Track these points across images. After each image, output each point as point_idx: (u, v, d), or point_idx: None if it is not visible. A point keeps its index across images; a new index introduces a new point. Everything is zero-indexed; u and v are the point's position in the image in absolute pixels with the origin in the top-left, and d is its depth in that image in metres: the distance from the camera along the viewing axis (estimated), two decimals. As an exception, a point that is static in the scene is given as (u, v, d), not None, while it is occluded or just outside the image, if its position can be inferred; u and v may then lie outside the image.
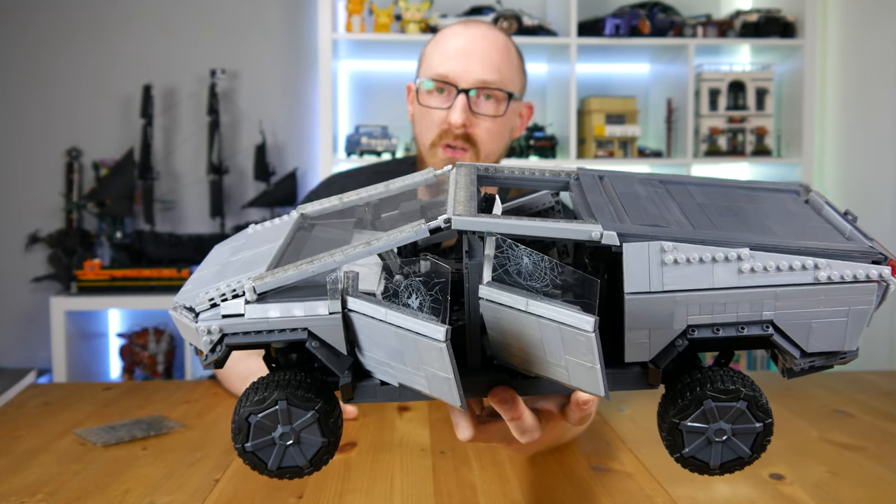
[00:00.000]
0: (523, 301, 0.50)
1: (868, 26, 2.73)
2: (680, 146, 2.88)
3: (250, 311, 0.52)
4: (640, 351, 0.54)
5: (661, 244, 0.51)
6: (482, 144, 1.20)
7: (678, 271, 0.51)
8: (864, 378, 1.37)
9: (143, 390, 1.31)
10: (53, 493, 0.86)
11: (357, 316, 0.52)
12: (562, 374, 0.52)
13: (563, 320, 0.49)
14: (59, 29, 3.01)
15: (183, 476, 0.91)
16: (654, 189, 0.60)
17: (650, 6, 2.84)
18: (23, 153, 3.02)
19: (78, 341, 2.76)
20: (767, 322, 0.53)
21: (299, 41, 3.07)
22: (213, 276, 0.58)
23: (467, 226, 0.52)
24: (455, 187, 0.57)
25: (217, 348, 0.53)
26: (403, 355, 0.52)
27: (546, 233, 0.52)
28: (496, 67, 1.18)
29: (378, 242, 0.53)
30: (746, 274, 0.51)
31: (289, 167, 3.04)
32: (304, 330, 0.52)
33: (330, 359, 0.54)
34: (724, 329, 0.53)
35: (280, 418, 0.54)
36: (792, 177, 2.86)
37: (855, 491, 0.86)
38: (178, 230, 3.04)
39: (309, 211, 0.65)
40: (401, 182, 0.64)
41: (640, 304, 0.52)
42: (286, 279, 0.53)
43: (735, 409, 0.54)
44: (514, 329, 0.52)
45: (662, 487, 0.86)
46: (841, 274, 0.51)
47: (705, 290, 0.52)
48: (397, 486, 0.87)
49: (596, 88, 2.97)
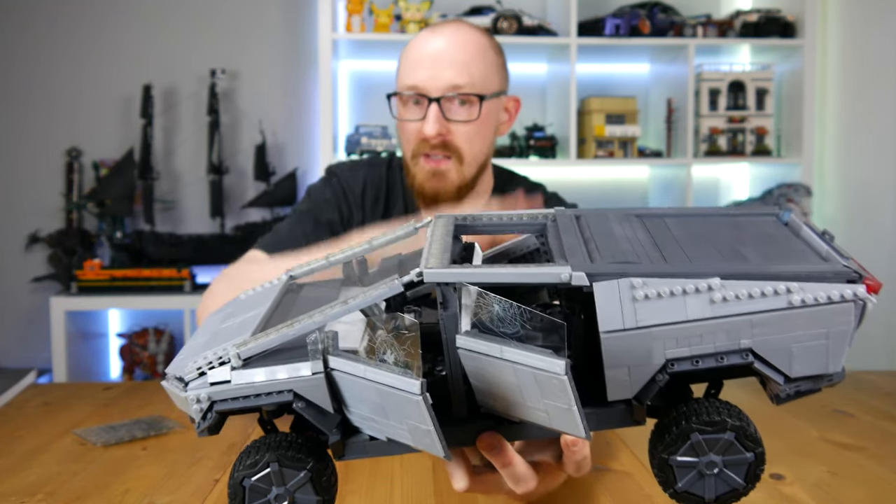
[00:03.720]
0: (498, 348, 0.50)
1: (868, 26, 2.73)
2: (680, 146, 2.88)
3: (236, 377, 0.54)
4: (621, 389, 0.53)
5: (630, 280, 0.51)
6: (463, 150, 1.17)
7: (650, 306, 0.51)
8: (864, 378, 1.37)
9: (143, 390, 1.31)
10: (53, 493, 0.86)
11: (339, 374, 0.53)
12: (542, 417, 0.52)
13: (536, 365, 0.49)
14: (59, 29, 3.01)
15: (183, 476, 0.91)
16: (630, 225, 0.60)
17: (650, 6, 2.84)
18: (23, 153, 3.02)
19: (78, 341, 2.76)
20: (746, 350, 0.52)
21: (299, 41, 3.07)
22: (203, 346, 0.59)
23: (439, 278, 0.52)
24: (431, 240, 0.58)
25: (208, 415, 0.55)
26: (386, 410, 0.53)
27: (516, 279, 0.52)
28: (467, 69, 1.14)
29: (355, 301, 0.54)
30: (719, 304, 0.51)
31: (289, 167, 3.04)
32: (290, 392, 0.54)
33: (317, 418, 0.55)
34: (703, 360, 0.52)
35: (273, 480, 0.55)
36: (792, 177, 2.86)
37: (855, 491, 0.86)
38: (178, 230, 3.04)
39: (297, 272, 0.67)
40: (383, 238, 0.65)
41: (617, 342, 0.51)
42: (268, 343, 0.54)
43: (723, 440, 0.53)
44: (493, 376, 0.52)
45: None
46: (815, 296, 0.51)
47: (680, 323, 0.51)
48: (397, 486, 0.87)
49: (596, 88, 2.97)
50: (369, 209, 1.27)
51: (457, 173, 1.18)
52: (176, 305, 2.71)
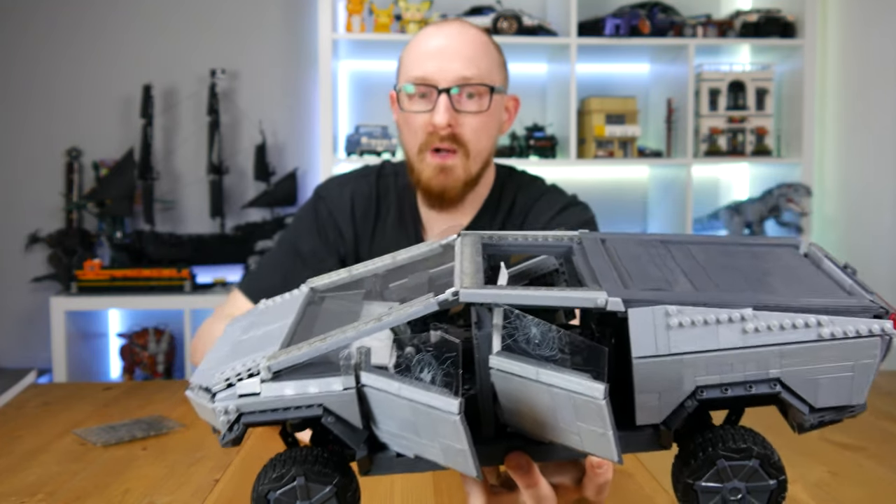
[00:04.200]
0: (534, 370, 0.51)
1: (868, 26, 2.73)
2: (680, 146, 2.88)
3: (266, 389, 0.53)
4: (650, 414, 0.54)
5: (665, 308, 0.52)
6: (470, 144, 1.18)
7: (684, 334, 0.52)
8: (864, 378, 1.37)
9: (143, 390, 1.31)
10: (53, 493, 0.86)
11: (371, 390, 0.53)
12: (574, 440, 0.53)
13: (574, 388, 0.49)
14: (59, 29, 3.01)
15: (183, 476, 0.91)
16: (656, 250, 0.61)
17: (650, 6, 2.84)
18: (23, 153, 3.02)
19: (78, 341, 2.76)
20: (775, 380, 0.53)
21: (299, 41, 3.07)
22: (227, 356, 0.59)
23: (475, 298, 0.52)
24: (461, 258, 0.58)
25: (234, 427, 0.55)
26: (417, 427, 0.53)
27: (552, 302, 0.53)
28: (474, 63, 1.16)
29: (388, 318, 0.54)
30: (751, 334, 0.52)
31: (289, 167, 3.04)
32: (320, 406, 0.54)
33: (346, 433, 0.54)
34: (732, 388, 0.53)
35: (298, 494, 0.55)
36: (792, 177, 2.86)
37: (855, 491, 0.86)
38: (178, 230, 3.04)
39: (318, 284, 0.66)
40: (406, 254, 0.65)
41: (649, 368, 0.52)
42: (300, 357, 0.54)
43: (748, 467, 0.54)
44: (526, 397, 0.52)
45: (662, 487, 0.86)
46: (844, 330, 0.52)
47: (712, 352, 0.52)
48: (397, 486, 0.87)
49: (596, 88, 2.97)
50: (360, 222, 1.28)
51: (463, 169, 1.18)
52: (176, 305, 2.71)
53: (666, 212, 3.01)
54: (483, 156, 1.21)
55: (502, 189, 1.31)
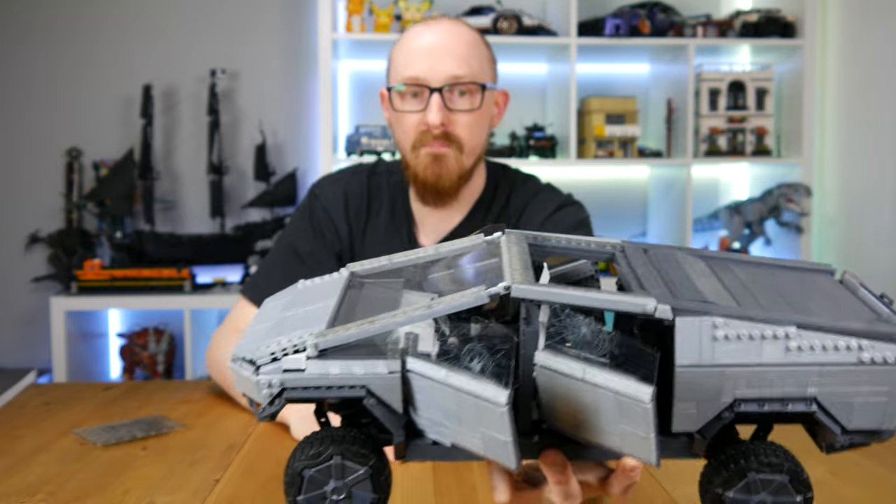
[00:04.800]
0: (580, 369, 0.51)
1: (868, 26, 2.73)
2: (680, 146, 2.88)
3: (311, 366, 0.54)
4: (688, 421, 0.55)
5: (712, 319, 0.53)
6: (464, 140, 1.19)
7: (728, 346, 0.53)
8: (864, 378, 1.37)
9: (143, 390, 1.31)
10: (53, 493, 0.86)
11: (416, 377, 0.53)
12: (615, 441, 0.54)
13: (620, 390, 0.50)
14: (59, 29, 3.01)
15: (183, 476, 0.91)
16: (698, 265, 0.62)
17: (650, 6, 2.84)
18: (23, 153, 3.02)
19: (78, 341, 2.76)
20: (811, 399, 0.55)
21: (299, 41, 3.07)
22: (269, 331, 0.59)
23: (527, 294, 0.53)
24: (509, 255, 0.59)
25: (276, 401, 0.55)
26: (460, 416, 0.53)
27: (602, 304, 0.54)
28: (465, 61, 1.16)
29: (439, 306, 0.54)
30: (793, 352, 0.53)
31: (289, 167, 3.04)
32: (363, 388, 0.54)
33: (386, 416, 0.55)
34: (769, 404, 0.55)
35: (333, 473, 0.55)
36: (791, 177, 2.86)
37: (855, 491, 0.86)
38: (178, 230, 3.04)
39: (358, 270, 0.67)
40: (450, 246, 0.66)
41: (691, 377, 0.53)
42: (348, 337, 0.54)
43: (777, 482, 0.55)
44: (568, 396, 0.53)
45: (662, 487, 0.86)
46: (884, 356, 0.54)
47: (754, 366, 0.53)
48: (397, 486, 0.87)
49: (596, 88, 2.97)
50: (353, 218, 1.29)
51: (456, 161, 1.20)
52: (176, 305, 2.71)
53: (666, 212, 3.01)
54: (476, 151, 1.23)
55: (496, 187, 1.31)
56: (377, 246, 1.25)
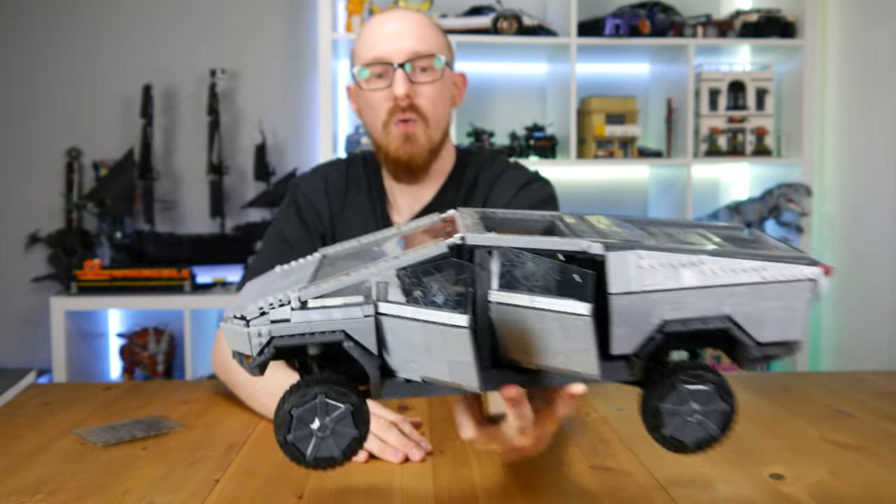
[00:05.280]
0: (528, 298, 0.59)
1: (868, 26, 2.73)
2: (680, 146, 2.88)
3: (295, 316, 0.61)
4: (624, 343, 0.63)
5: (637, 252, 0.61)
6: (429, 112, 1.27)
7: (652, 274, 0.62)
8: (864, 378, 1.37)
9: (143, 390, 1.31)
10: (53, 493, 0.86)
11: (387, 318, 0.60)
12: (561, 360, 0.62)
13: (564, 309, 0.58)
14: (59, 29, 3.01)
15: (183, 476, 0.91)
16: (626, 223, 0.72)
17: (650, 6, 2.84)
18: (23, 153, 3.02)
19: (78, 341, 2.76)
20: (726, 317, 0.63)
21: (299, 41, 3.07)
22: (257, 295, 0.66)
23: (480, 241, 0.61)
24: (462, 220, 0.68)
25: (265, 351, 0.62)
26: (429, 347, 0.60)
27: (544, 245, 0.62)
28: (423, 39, 1.26)
29: (405, 257, 0.62)
30: (708, 275, 0.62)
31: (289, 167, 3.04)
32: (342, 332, 0.61)
33: (363, 357, 0.62)
34: (691, 323, 0.63)
35: (318, 410, 0.62)
36: (792, 177, 2.86)
37: (855, 491, 0.86)
38: (178, 230, 3.04)
39: (330, 252, 0.74)
40: (410, 225, 0.75)
41: (623, 303, 0.62)
42: (327, 288, 0.61)
43: (705, 391, 0.63)
44: (521, 325, 0.61)
45: (662, 487, 0.86)
46: (782, 274, 0.62)
47: (675, 290, 0.62)
48: (397, 486, 0.87)
49: (596, 88, 2.97)
50: (333, 200, 1.37)
51: (425, 136, 1.27)
52: (176, 305, 2.71)
53: (666, 212, 3.01)
54: (442, 124, 1.30)
55: (465, 166, 1.39)
56: (354, 225, 1.33)
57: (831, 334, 2.92)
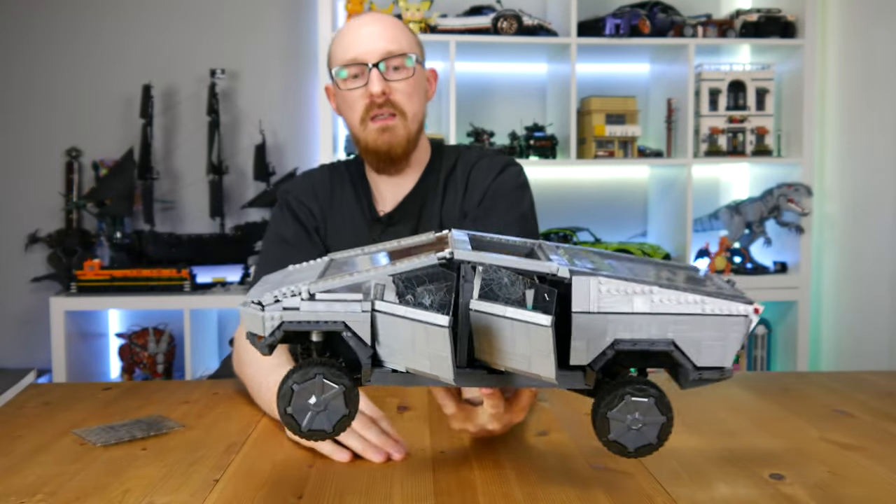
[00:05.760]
0: (503, 309, 0.70)
1: (868, 26, 2.73)
2: (680, 146, 2.88)
3: (304, 305, 0.71)
4: (581, 356, 0.74)
5: (598, 279, 0.72)
6: (405, 106, 1.35)
7: (609, 299, 0.72)
8: (864, 378, 1.37)
9: (143, 390, 1.31)
10: (53, 493, 0.86)
11: (382, 315, 0.71)
12: (525, 363, 0.71)
13: (529, 320, 0.68)
14: (59, 29, 3.01)
15: (183, 476, 0.91)
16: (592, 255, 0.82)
17: (650, 6, 2.84)
18: (23, 153, 3.02)
19: (78, 341, 2.76)
20: (670, 341, 0.73)
21: (299, 41, 3.07)
22: (272, 287, 0.76)
23: (465, 257, 0.72)
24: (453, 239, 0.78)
25: (275, 333, 0.72)
26: (414, 342, 0.70)
27: (520, 265, 0.73)
28: (395, 39, 1.34)
29: (401, 264, 0.72)
30: (657, 304, 0.73)
31: (289, 167, 3.04)
32: (342, 322, 0.71)
33: (358, 346, 0.72)
34: (639, 343, 0.73)
35: (315, 389, 0.72)
36: (792, 177, 2.86)
37: (855, 491, 0.86)
38: (177, 230, 3.04)
39: (336, 257, 0.85)
40: (409, 240, 0.85)
41: (583, 321, 0.72)
42: (333, 285, 0.72)
43: (646, 403, 0.74)
44: (494, 331, 0.71)
45: (662, 487, 0.86)
46: (721, 308, 0.73)
47: (628, 314, 0.73)
48: (397, 485, 0.87)
49: (596, 88, 2.97)
50: (322, 200, 1.45)
51: (403, 128, 1.35)
52: (176, 305, 2.71)
53: (666, 212, 3.01)
54: (418, 117, 1.38)
55: (441, 155, 1.47)
56: (344, 219, 1.43)
57: (831, 334, 2.92)
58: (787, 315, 2.90)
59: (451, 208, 1.42)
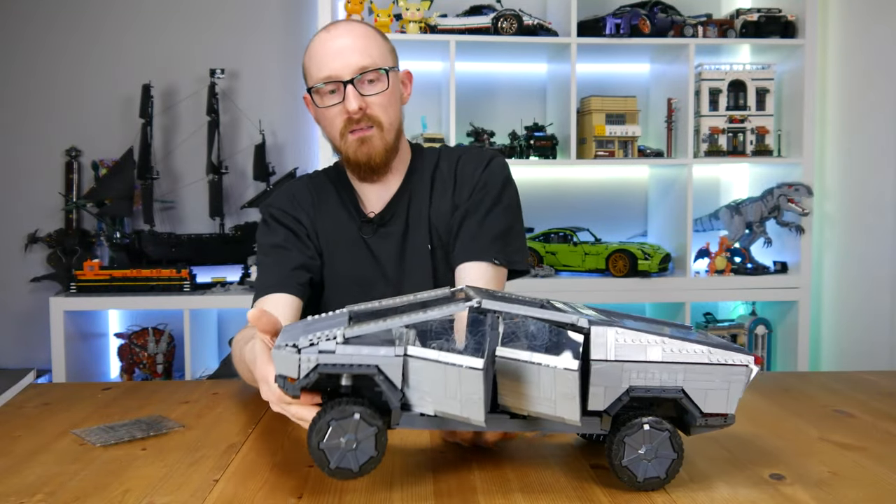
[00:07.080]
0: (528, 354, 0.75)
1: (868, 26, 2.73)
2: (680, 146, 2.88)
3: (339, 349, 0.75)
4: (598, 402, 0.80)
5: (615, 329, 0.79)
6: (382, 117, 1.37)
7: (625, 348, 0.79)
8: (864, 378, 1.37)
9: (143, 390, 1.31)
10: (53, 493, 0.86)
11: (413, 360, 0.75)
12: (550, 406, 0.77)
13: (556, 364, 0.74)
14: (59, 29, 3.01)
15: (183, 476, 0.91)
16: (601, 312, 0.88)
17: (650, 6, 2.84)
18: (23, 153, 3.02)
19: (77, 341, 2.76)
20: (680, 388, 0.80)
21: (299, 41, 3.06)
22: (302, 331, 0.80)
23: (493, 307, 0.78)
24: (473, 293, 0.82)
25: (310, 375, 0.75)
26: (445, 384, 0.75)
27: (544, 316, 0.79)
28: (367, 53, 1.34)
29: (433, 311, 0.77)
30: (668, 354, 0.80)
31: (288, 167, 3.04)
32: (375, 366, 0.75)
33: (390, 389, 0.76)
34: (653, 390, 0.80)
35: (351, 427, 0.75)
36: (792, 176, 2.86)
37: (855, 491, 0.86)
38: (177, 230, 3.04)
39: (356, 309, 0.89)
40: (425, 294, 0.91)
41: (601, 368, 0.78)
42: (367, 329, 0.76)
43: (661, 436, 0.81)
44: (520, 376, 0.76)
45: (663, 487, 0.86)
46: (726, 359, 0.81)
47: (642, 363, 0.79)
48: (397, 486, 0.87)
49: (596, 88, 2.97)
50: (307, 206, 1.46)
51: (380, 138, 1.37)
52: (175, 305, 2.71)
53: (666, 212, 3.01)
54: (395, 126, 1.40)
55: (422, 156, 1.49)
56: (332, 222, 1.44)
57: (831, 334, 2.92)
58: (787, 315, 2.90)
59: (439, 204, 1.42)
